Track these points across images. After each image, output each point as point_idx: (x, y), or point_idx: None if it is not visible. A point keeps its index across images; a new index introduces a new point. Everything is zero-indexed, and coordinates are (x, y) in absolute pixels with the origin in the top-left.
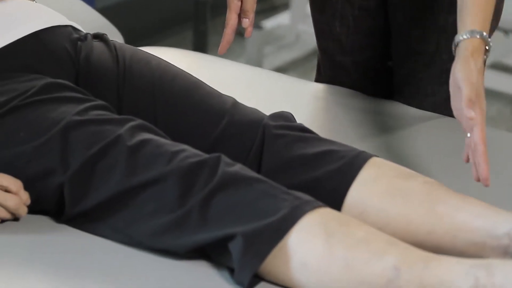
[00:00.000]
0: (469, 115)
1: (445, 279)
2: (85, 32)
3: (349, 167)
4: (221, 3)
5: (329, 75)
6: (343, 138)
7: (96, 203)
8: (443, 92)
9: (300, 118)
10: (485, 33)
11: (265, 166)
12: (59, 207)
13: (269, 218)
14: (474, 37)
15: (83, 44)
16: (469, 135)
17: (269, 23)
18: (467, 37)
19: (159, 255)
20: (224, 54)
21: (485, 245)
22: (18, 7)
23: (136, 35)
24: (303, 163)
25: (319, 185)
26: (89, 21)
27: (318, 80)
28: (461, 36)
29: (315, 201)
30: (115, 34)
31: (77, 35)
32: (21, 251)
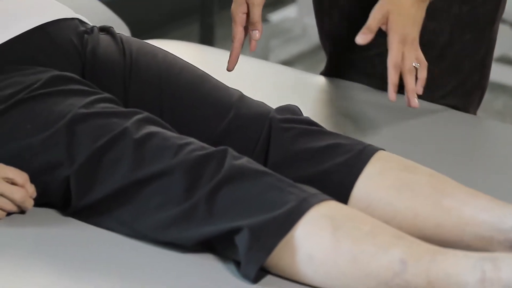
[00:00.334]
0: (356, 40)
1: (451, 273)
2: (91, 25)
3: (356, 160)
4: None
5: (336, 71)
6: (349, 131)
7: (102, 196)
8: (453, 81)
9: (306, 111)
10: None
11: (271, 159)
12: (65, 200)
13: (276, 211)
14: None
15: (90, 37)
16: None
17: (276, 16)
18: None
19: (165, 248)
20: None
21: (492, 239)
22: (24, 0)
23: (142, 28)
24: (309, 156)
25: (325, 178)
26: (96, 14)
27: (324, 73)
28: None
29: (322, 194)
30: (122, 27)
31: (84, 28)
32: (27, 243)
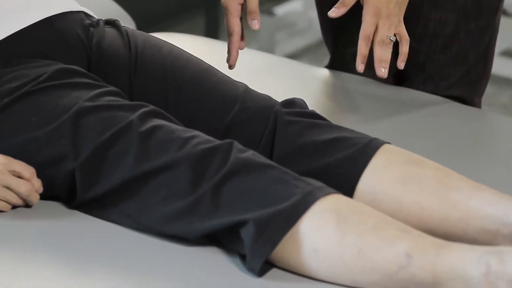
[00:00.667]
0: (329, 14)
1: (457, 266)
2: (97, 18)
3: (361, 154)
4: None
5: (340, 64)
6: (355, 124)
7: (107, 189)
8: (458, 72)
9: (312, 104)
10: None
11: (276, 152)
12: (70, 193)
13: (281, 204)
14: None
15: (95, 30)
16: None
17: (281, 10)
18: None
19: (169, 241)
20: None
21: (497, 232)
22: None
23: (148, 21)
24: (315, 150)
25: (330, 172)
26: (101, 7)
27: (329, 66)
28: None
29: (327, 187)
30: (127, 20)
31: (89, 21)
32: (32, 236)
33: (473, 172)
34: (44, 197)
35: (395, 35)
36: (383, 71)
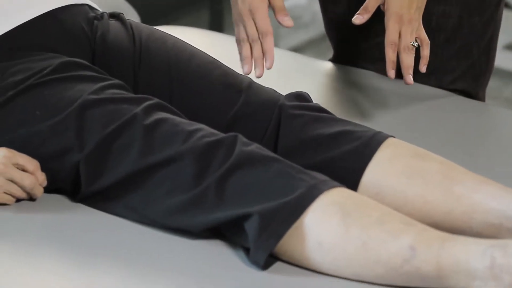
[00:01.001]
0: (353, 21)
1: (461, 259)
2: (101, 11)
3: (366, 147)
4: None
5: (344, 57)
6: (359, 118)
7: (111, 182)
8: (462, 66)
9: (316, 98)
10: None
11: (281, 146)
12: (75, 186)
13: (286, 197)
14: None
15: (100, 23)
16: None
17: (285, 3)
18: None
19: (174, 234)
20: None
21: (501, 226)
22: None
23: (152, 14)
24: (319, 143)
25: (335, 165)
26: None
27: (333, 60)
28: None
29: (332, 181)
30: (132, 13)
31: (94, 14)
32: (36, 229)
33: (477, 165)
34: (48, 190)
35: (416, 40)
36: (411, 78)
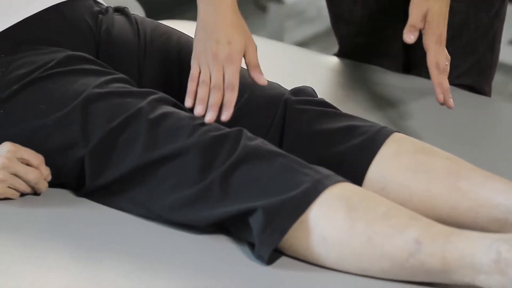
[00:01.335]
0: (405, 39)
1: (466, 253)
2: (106, 5)
3: (371, 142)
4: None
5: (349, 52)
6: (364, 113)
7: (116, 177)
8: (468, 63)
9: (321, 92)
10: None
11: (286, 141)
12: (79, 180)
13: (290, 192)
14: None
15: (104, 17)
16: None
17: None
18: None
19: (178, 229)
20: None
21: (507, 221)
22: None
23: (157, 8)
24: (324, 138)
25: (340, 160)
26: None
27: (338, 54)
28: None
29: (336, 175)
30: (136, 7)
31: (98, 8)
32: (40, 224)
33: (483, 160)
34: (52, 184)
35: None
36: (452, 102)
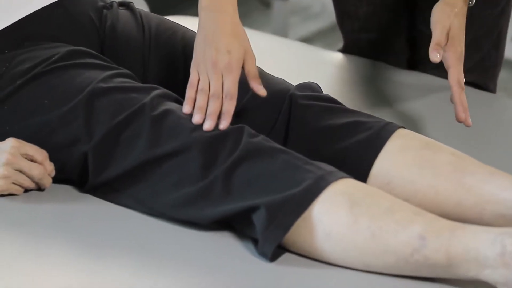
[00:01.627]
0: (432, 58)
1: (471, 247)
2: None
3: (376, 138)
4: None
5: (354, 48)
6: (369, 108)
7: (119, 173)
8: (472, 60)
9: (325, 88)
10: None
11: (291, 136)
12: (83, 176)
13: (293, 189)
14: None
15: (109, 12)
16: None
17: None
18: None
19: (182, 226)
20: (249, 24)
21: None
22: None
23: (161, 4)
24: (330, 133)
25: (346, 155)
26: None
27: (343, 50)
28: None
29: (339, 171)
30: (140, 2)
31: (103, 3)
32: (44, 220)
33: (488, 156)
34: (56, 180)
35: None
36: (470, 120)
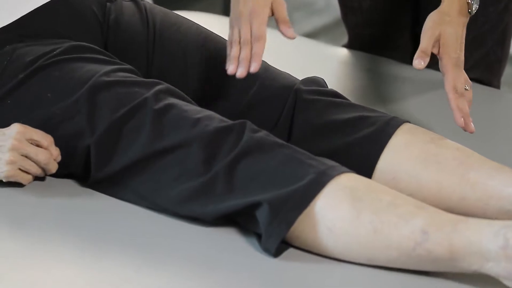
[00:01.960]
0: (415, 65)
1: (474, 240)
2: None
3: (381, 132)
4: None
5: (358, 43)
6: (374, 103)
7: (121, 167)
8: (476, 56)
9: (330, 83)
10: None
11: (296, 131)
12: (85, 170)
13: (295, 184)
14: None
15: (113, 5)
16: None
17: None
18: None
19: (185, 221)
20: None
21: None
22: None
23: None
24: (335, 128)
25: (351, 150)
26: None
27: (347, 46)
28: None
29: (341, 166)
30: None
31: None
32: (47, 214)
33: (492, 152)
34: (60, 174)
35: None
36: (473, 126)
